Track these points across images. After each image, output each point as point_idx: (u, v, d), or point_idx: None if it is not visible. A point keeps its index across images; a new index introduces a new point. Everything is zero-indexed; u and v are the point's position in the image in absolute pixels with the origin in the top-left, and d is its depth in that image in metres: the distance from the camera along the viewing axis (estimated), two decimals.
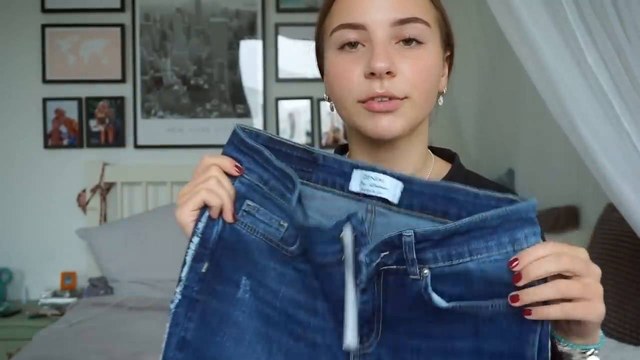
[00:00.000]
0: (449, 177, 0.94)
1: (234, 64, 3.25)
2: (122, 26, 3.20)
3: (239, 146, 0.82)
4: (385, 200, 0.74)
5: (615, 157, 1.33)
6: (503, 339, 0.67)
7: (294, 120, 3.26)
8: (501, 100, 3.03)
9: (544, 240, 0.69)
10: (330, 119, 3.22)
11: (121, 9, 3.19)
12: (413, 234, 0.68)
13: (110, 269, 2.88)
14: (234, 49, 3.25)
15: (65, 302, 2.89)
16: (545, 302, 0.65)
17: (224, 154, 0.83)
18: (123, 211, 3.19)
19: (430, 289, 0.68)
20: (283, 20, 3.24)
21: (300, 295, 0.75)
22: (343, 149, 1.01)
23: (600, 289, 0.68)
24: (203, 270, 0.78)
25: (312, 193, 0.77)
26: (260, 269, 0.77)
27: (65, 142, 3.20)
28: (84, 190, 3.17)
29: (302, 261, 0.75)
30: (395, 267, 0.70)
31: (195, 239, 0.78)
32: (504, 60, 2.70)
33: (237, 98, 3.25)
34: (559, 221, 2.29)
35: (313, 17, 0.96)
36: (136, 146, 3.22)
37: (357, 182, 0.75)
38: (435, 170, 0.96)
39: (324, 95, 0.94)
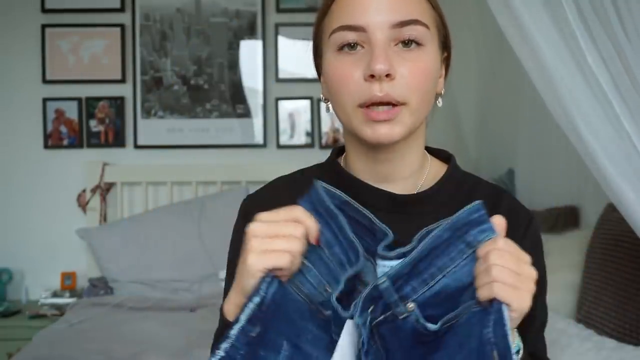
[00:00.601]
0: (445, 178, 0.94)
1: (234, 64, 3.25)
2: (122, 26, 3.20)
3: (315, 204, 0.78)
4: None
5: (615, 157, 1.33)
6: (472, 336, 0.70)
7: (294, 120, 3.26)
8: (501, 100, 3.03)
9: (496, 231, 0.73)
10: (330, 119, 3.22)
11: (121, 9, 3.19)
12: (387, 278, 0.71)
13: (110, 269, 2.88)
14: (234, 49, 3.25)
15: (65, 302, 2.89)
16: None
17: (300, 204, 0.78)
18: (123, 211, 3.19)
19: (421, 319, 0.72)
20: (283, 20, 3.24)
21: (328, 358, 0.74)
22: (340, 151, 1.01)
23: (532, 287, 0.72)
24: (254, 334, 0.72)
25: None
26: (297, 331, 0.75)
27: (65, 142, 3.20)
28: (84, 190, 3.17)
29: (332, 327, 0.75)
30: (383, 316, 0.73)
31: (256, 299, 0.72)
32: (504, 60, 2.70)
33: (237, 98, 3.25)
34: (559, 221, 2.29)
35: (313, 17, 0.96)
36: (136, 146, 3.22)
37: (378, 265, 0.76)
38: (432, 171, 0.96)
39: (321, 95, 0.94)
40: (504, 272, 0.69)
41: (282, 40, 3.24)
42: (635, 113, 1.32)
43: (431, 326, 0.71)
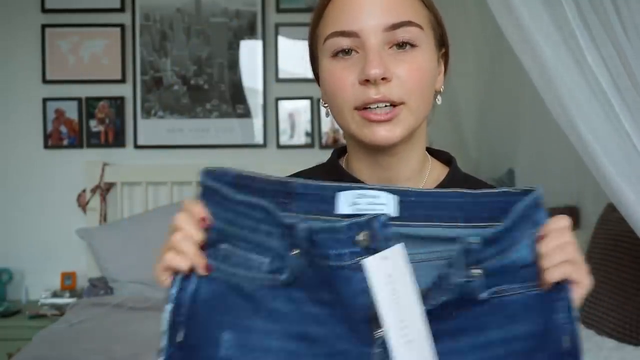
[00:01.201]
0: (446, 180, 0.94)
1: (234, 64, 3.25)
2: (122, 26, 3.20)
3: (203, 191, 0.78)
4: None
5: (615, 157, 1.33)
6: (532, 321, 0.69)
7: (294, 120, 3.26)
8: (501, 100, 3.03)
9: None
10: (330, 119, 3.22)
11: (121, 9, 3.19)
12: (481, 239, 0.68)
13: (110, 269, 2.88)
14: (234, 49, 3.25)
15: (65, 302, 2.89)
16: None
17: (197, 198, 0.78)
18: (123, 211, 3.19)
19: (478, 287, 0.69)
20: (283, 20, 3.24)
21: (294, 326, 0.72)
22: (341, 152, 1.01)
23: (586, 268, 0.73)
24: (179, 339, 0.72)
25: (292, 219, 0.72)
26: (247, 313, 0.72)
27: (65, 142, 3.20)
28: (84, 190, 3.17)
29: (295, 290, 0.72)
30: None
31: (169, 306, 0.72)
32: (504, 60, 2.70)
33: (237, 98, 3.25)
34: None
35: None
36: (136, 146, 3.22)
37: (348, 203, 0.72)
38: (433, 173, 0.96)
39: (321, 100, 0.94)
40: (577, 251, 0.71)
41: (282, 40, 3.24)
42: (635, 113, 1.32)
43: (482, 295, 0.69)
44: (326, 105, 0.93)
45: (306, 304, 0.72)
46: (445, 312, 0.69)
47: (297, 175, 1.01)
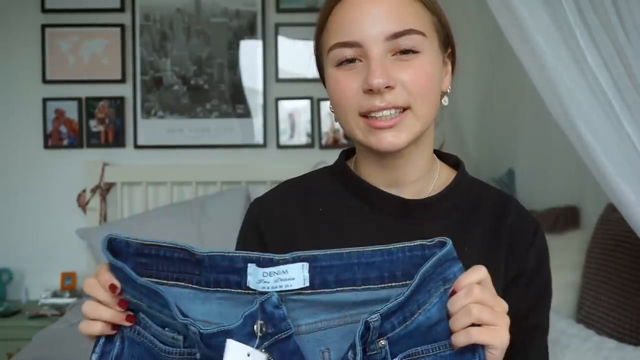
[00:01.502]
0: (454, 184, 0.94)
1: (234, 64, 3.25)
2: (122, 26, 3.20)
3: (110, 263, 0.75)
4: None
5: (615, 157, 1.33)
6: None
7: (294, 120, 3.26)
8: (501, 100, 3.03)
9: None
10: (330, 119, 3.22)
11: (121, 9, 3.19)
12: (379, 317, 0.67)
13: None
14: (234, 49, 3.25)
15: (65, 302, 2.89)
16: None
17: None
18: (123, 211, 3.19)
19: (385, 356, 0.68)
20: (283, 20, 3.24)
21: None
22: (349, 154, 1.01)
23: (507, 320, 0.70)
24: None
25: (205, 296, 0.71)
26: None
27: (65, 142, 3.19)
28: (84, 190, 3.17)
29: None
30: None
31: None
32: (504, 60, 2.70)
33: (237, 98, 3.25)
34: (559, 221, 2.29)
35: (313, 17, 0.96)
36: (136, 146, 3.22)
37: (256, 279, 0.70)
38: (441, 177, 0.96)
39: (329, 107, 0.94)
40: (485, 311, 0.68)
41: (282, 40, 3.24)
42: (635, 113, 1.32)
43: None
44: (334, 111, 0.93)
45: None
46: None
47: (303, 178, 1.00)
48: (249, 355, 0.67)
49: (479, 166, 3.08)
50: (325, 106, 3.17)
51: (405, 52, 0.84)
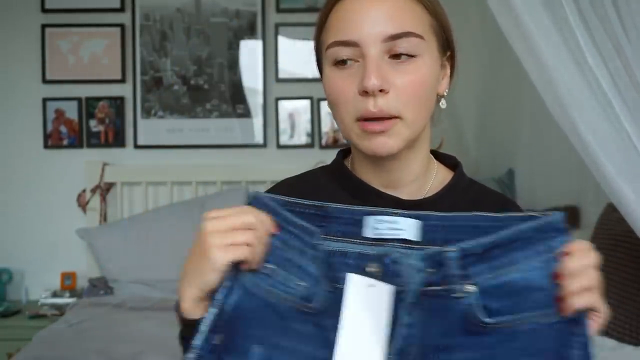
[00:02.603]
0: (451, 185, 0.94)
1: (234, 64, 3.25)
2: (122, 26, 3.20)
3: (259, 209, 0.79)
4: (404, 241, 0.74)
5: (615, 157, 1.33)
6: (545, 355, 0.67)
7: (294, 120, 3.26)
8: (501, 100, 3.03)
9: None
10: (330, 119, 3.22)
11: (121, 9, 3.19)
12: (459, 249, 0.69)
13: (110, 269, 2.88)
14: (234, 49, 3.25)
15: (65, 302, 2.89)
16: None
17: None
18: (123, 211, 3.19)
19: (476, 305, 0.68)
20: (283, 20, 3.24)
21: (319, 351, 0.73)
22: (346, 153, 1.01)
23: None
24: (216, 342, 0.75)
25: (329, 245, 0.76)
26: (277, 331, 0.75)
27: (65, 142, 3.19)
28: (84, 190, 3.17)
29: (325, 317, 0.74)
30: (439, 287, 0.70)
31: (213, 310, 0.75)
32: (504, 60, 2.70)
33: (237, 98, 3.25)
34: None
35: (313, 17, 0.96)
36: (136, 146, 3.22)
37: (371, 228, 0.75)
38: (438, 178, 0.96)
39: (328, 104, 0.95)
40: (599, 278, 0.68)
41: (282, 40, 3.24)
42: (635, 113, 1.32)
43: (487, 319, 0.68)
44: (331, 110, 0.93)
45: (332, 331, 0.73)
46: (452, 340, 0.69)
47: (302, 176, 1.01)
48: (372, 286, 0.71)
49: (479, 166, 3.08)
50: (326, 106, 3.16)
51: (402, 55, 0.84)
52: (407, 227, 0.74)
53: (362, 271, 0.72)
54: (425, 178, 0.94)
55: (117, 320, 2.45)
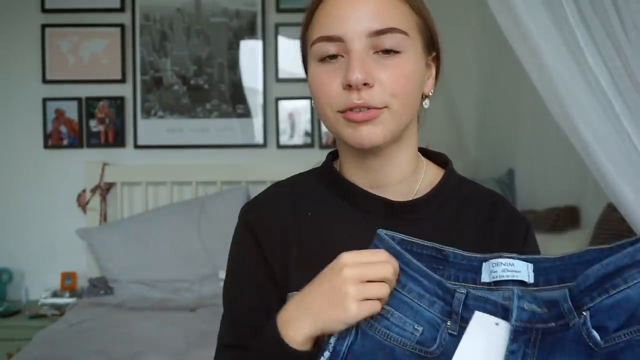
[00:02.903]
0: (441, 185, 0.94)
1: (234, 64, 3.25)
2: (122, 26, 3.20)
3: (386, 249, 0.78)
4: (520, 283, 0.74)
5: (615, 157, 1.33)
6: None
7: (294, 120, 3.26)
8: (501, 100, 3.03)
9: None
10: None
11: (121, 9, 3.19)
12: (567, 287, 0.70)
13: (110, 269, 2.88)
14: (234, 49, 3.25)
15: (65, 302, 2.89)
16: None
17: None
18: (123, 211, 3.19)
19: (589, 325, 0.68)
20: (283, 20, 3.24)
21: None
22: (335, 156, 1.01)
23: None
24: None
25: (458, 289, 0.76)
26: None
27: (65, 142, 3.20)
28: (84, 190, 3.17)
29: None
30: (552, 324, 0.70)
31: (326, 354, 0.74)
32: (504, 60, 2.70)
33: (237, 98, 3.25)
34: (559, 221, 2.29)
35: None
36: (136, 146, 3.22)
37: (487, 272, 0.76)
38: (428, 177, 0.95)
39: (312, 101, 0.95)
40: None
41: (282, 40, 3.24)
42: (635, 113, 1.32)
43: (597, 336, 0.68)
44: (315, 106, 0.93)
45: None
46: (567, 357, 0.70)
47: (291, 180, 1.00)
48: (497, 324, 0.72)
49: (479, 166, 3.08)
50: None
51: (387, 51, 0.84)
52: (522, 269, 0.75)
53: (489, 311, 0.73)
54: (414, 177, 0.94)
55: (117, 320, 2.45)
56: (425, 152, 0.99)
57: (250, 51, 3.25)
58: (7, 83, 3.18)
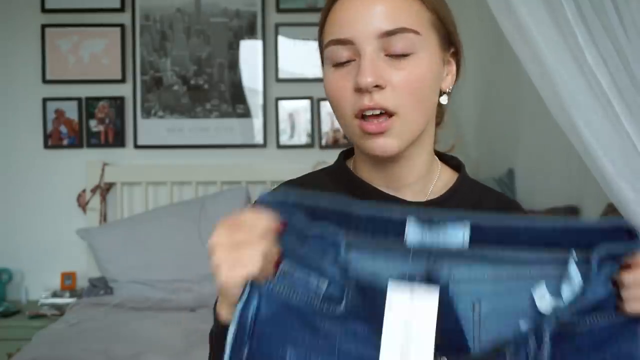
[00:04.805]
0: (455, 187, 0.94)
1: (234, 64, 3.25)
2: (122, 26, 3.20)
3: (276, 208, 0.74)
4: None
5: (615, 157, 1.33)
6: (610, 347, 0.69)
7: (294, 120, 3.26)
8: (501, 100, 3.03)
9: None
10: (330, 119, 3.22)
11: (121, 9, 3.19)
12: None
13: (110, 269, 2.88)
14: (234, 49, 3.25)
15: (65, 302, 2.89)
16: None
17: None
18: (123, 211, 3.19)
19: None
20: (283, 20, 3.24)
21: (350, 346, 0.71)
22: (348, 155, 1.01)
23: None
24: (244, 357, 0.71)
25: (360, 245, 0.71)
26: (309, 331, 0.72)
27: (65, 142, 3.19)
28: (84, 191, 3.17)
29: (353, 321, 0.71)
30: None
31: (232, 327, 0.71)
32: (504, 60, 2.70)
33: (237, 98, 3.25)
34: None
35: (313, 17, 0.97)
36: (136, 146, 3.22)
37: (417, 236, 0.71)
38: (442, 178, 0.96)
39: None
40: None
41: (282, 40, 3.24)
42: (635, 113, 1.32)
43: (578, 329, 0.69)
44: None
45: (354, 322, 0.71)
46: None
47: (304, 179, 1.00)
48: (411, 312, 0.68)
49: (479, 166, 3.08)
50: (326, 106, 3.16)
51: (399, 52, 0.84)
52: (456, 235, 0.71)
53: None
54: (428, 177, 0.94)
55: (117, 320, 2.45)
56: (438, 154, 0.99)
57: (250, 51, 3.25)
58: (7, 83, 3.18)
